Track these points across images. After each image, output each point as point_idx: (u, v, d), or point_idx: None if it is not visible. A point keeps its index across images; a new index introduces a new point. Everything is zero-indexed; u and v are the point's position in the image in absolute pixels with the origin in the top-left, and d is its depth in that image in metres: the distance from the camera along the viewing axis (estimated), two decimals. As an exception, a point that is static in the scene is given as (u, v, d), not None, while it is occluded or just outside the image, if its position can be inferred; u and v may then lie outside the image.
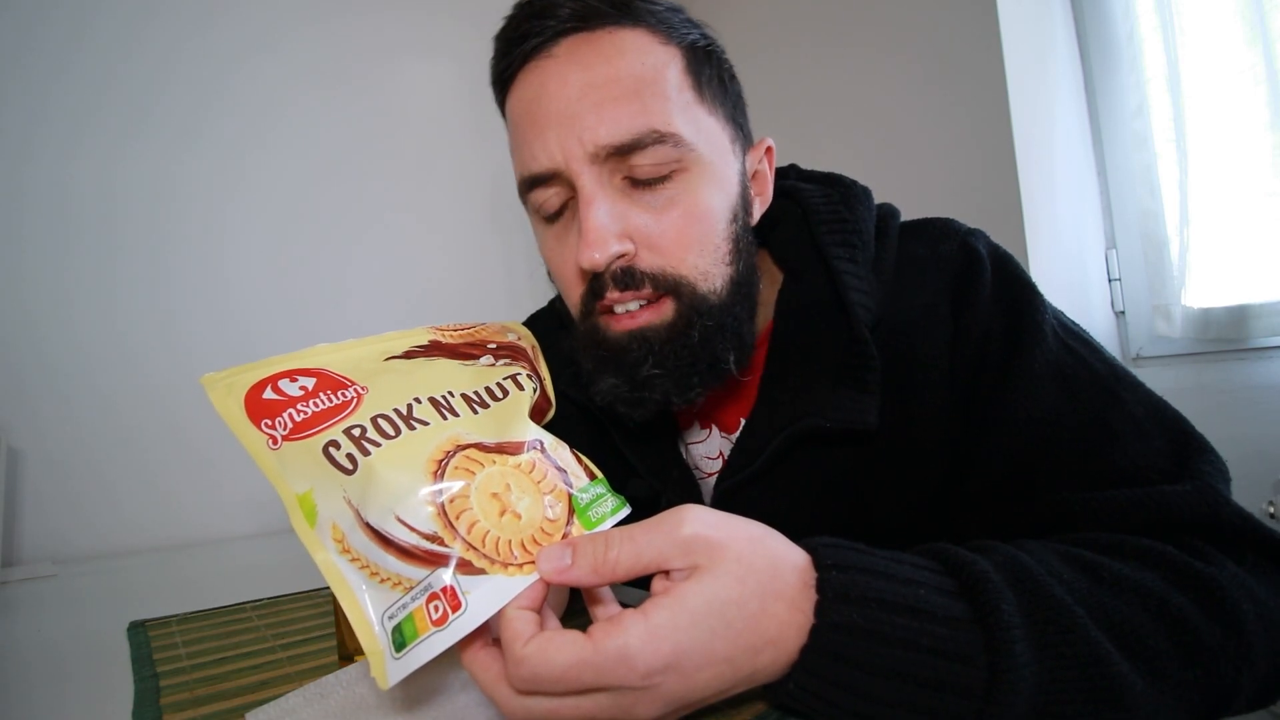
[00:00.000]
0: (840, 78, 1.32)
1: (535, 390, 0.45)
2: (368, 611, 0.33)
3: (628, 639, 0.30)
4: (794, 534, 0.36)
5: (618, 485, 0.40)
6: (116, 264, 1.10)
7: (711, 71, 0.53)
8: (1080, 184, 1.17)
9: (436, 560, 0.32)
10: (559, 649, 0.30)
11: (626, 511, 0.39)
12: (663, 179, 0.49)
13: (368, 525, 0.33)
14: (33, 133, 1.05)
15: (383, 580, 0.33)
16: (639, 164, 0.48)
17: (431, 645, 0.31)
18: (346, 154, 1.33)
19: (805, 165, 0.66)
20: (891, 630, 0.32)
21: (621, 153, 0.48)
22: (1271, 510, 0.89)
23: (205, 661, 0.50)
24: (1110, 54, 1.16)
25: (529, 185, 0.52)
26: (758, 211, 0.56)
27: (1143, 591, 0.37)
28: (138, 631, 0.58)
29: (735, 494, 0.53)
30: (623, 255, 0.48)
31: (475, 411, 0.40)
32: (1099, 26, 1.18)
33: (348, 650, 0.47)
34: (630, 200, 0.49)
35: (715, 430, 0.59)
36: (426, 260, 1.40)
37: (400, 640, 0.31)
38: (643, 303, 0.50)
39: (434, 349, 0.45)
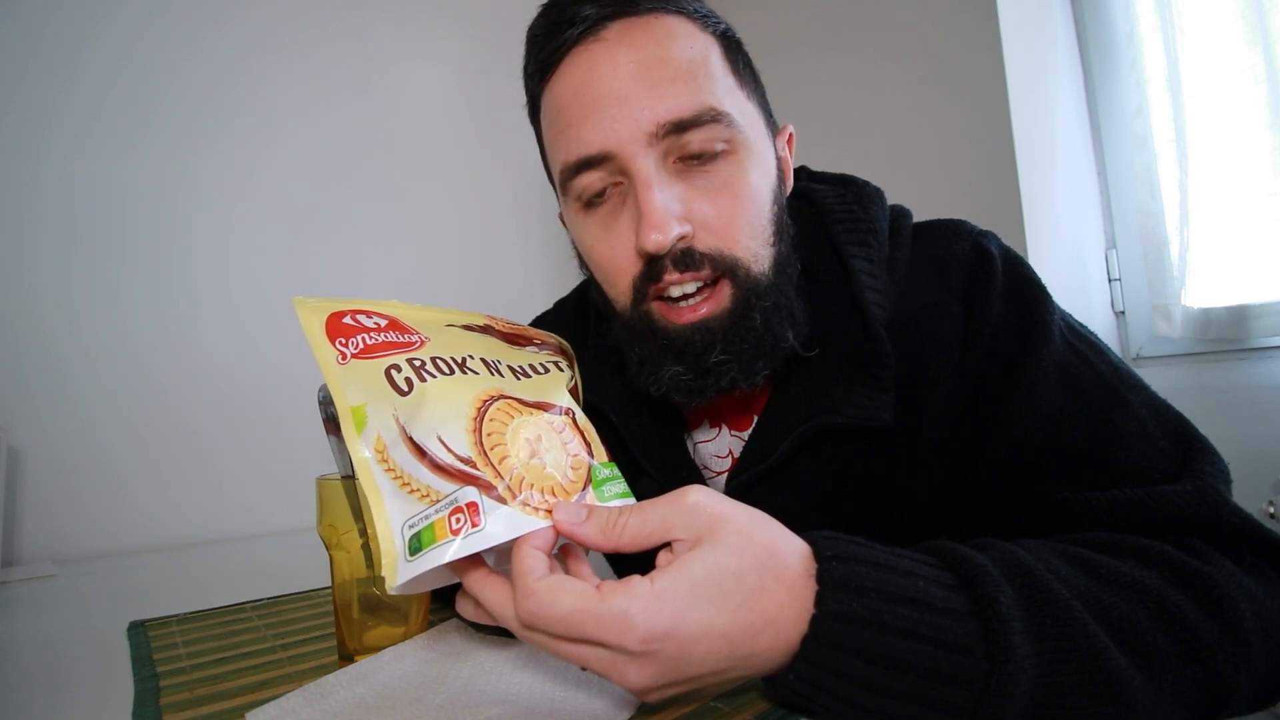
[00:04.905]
0: (840, 79, 1.32)
1: (572, 379, 0.48)
2: (390, 517, 0.35)
3: (631, 602, 0.31)
4: (805, 530, 0.37)
5: (627, 485, 0.41)
6: (120, 265, 1.10)
7: (742, 60, 0.54)
8: (1080, 184, 1.17)
9: (467, 479, 0.35)
10: (568, 592, 0.31)
11: (632, 502, 0.39)
12: (714, 159, 0.49)
13: (410, 439, 0.37)
14: (38, 133, 1.05)
15: (412, 491, 0.36)
16: (693, 141, 0.48)
17: (443, 551, 0.33)
18: (352, 156, 1.32)
19: (807, 166, 0.66)
20: (892, 620, 0.32)
21: (680, 129, 0.47)
22: (1271, 510, 0.89)
23: (205, 661, 0.50)
24: (1110, 54, 1.16)
25: (575, 170, 0.50)
26: (785, 195, 0.56)
27: (1140, 588, 0.37)
28: (138, 631, 0.58)
29: (748, 490, 0.54)
30: (683, 237, 0.48)
31: (518, 379, 0.43)
32: (1099, 26, 1.18)
33: (348, 650, 0.47)
34: (685, 183, 0.49)
35: (725, 429, 0.60)
36: (432, 262, 1.40)
37: (416, 545, 0.34)
38: (700, 284, 0.49)
39: (487, 330, 0.49)
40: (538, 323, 0.76)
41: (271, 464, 1.16)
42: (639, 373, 0.52)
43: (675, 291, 0.49)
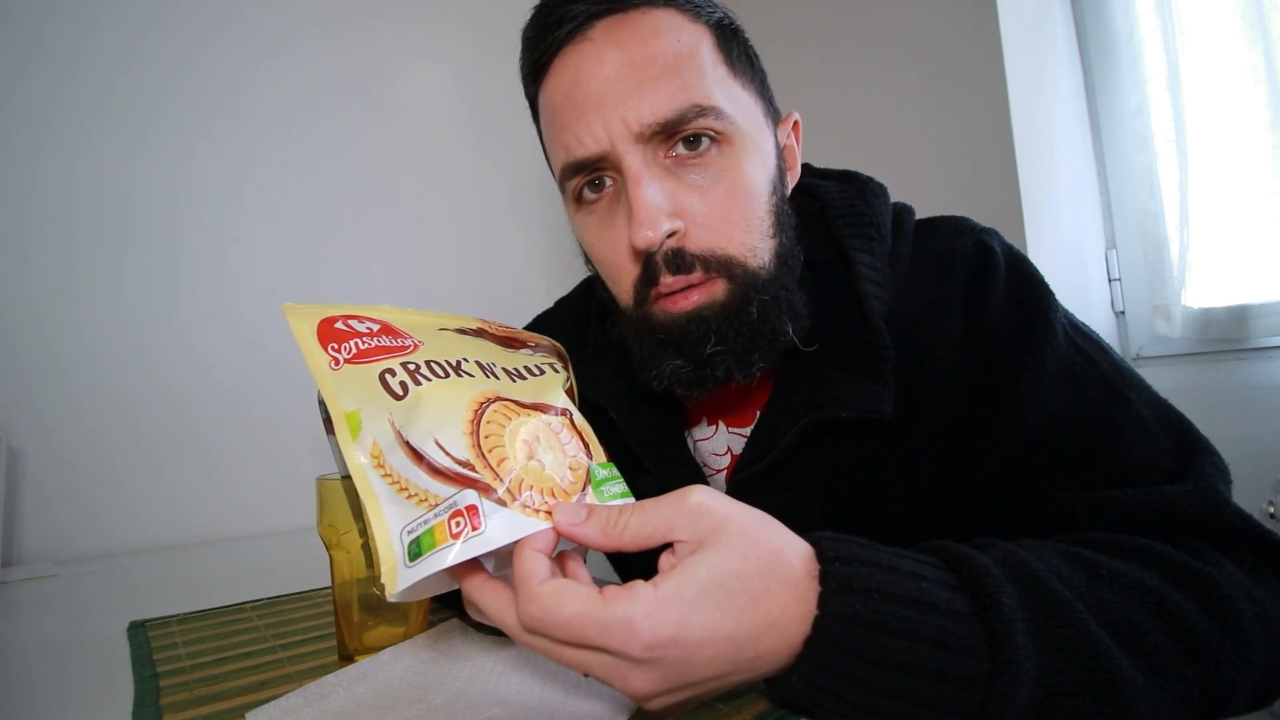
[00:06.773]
0: (840, 79, 1.32)
1: (568, 380, 0.47)
2: (388, 523, 0.35)
3: (635, 608, 0.30)
4: (805, 527, 0.37)
5: (627, 482, 0.41)
6: (122, 264, 1.10)
7: (739, 48, 0.54)
8: (1080, 184, 1.17)
9: (465, 483, 0.35)
10: (571, 597, 0.31)
11: (633, 502, 0.39)
12: (705, 150, 0.49)
13: (407, 444, 0.36)
14: (41, 133, 1.05)
15: (410, 496, 0.35)
16: (681, 135, 0.48)
17: (444, 556, 0.33)
18: (354, 157, 1.32)
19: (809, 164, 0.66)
20: (895, 621, 0.32)
21: (666, 130, 0.48)
22: (1271, 510, 0.89)
23: (205, 661, 0.50)
24: (1110, 54, 1.16)
25: (572, 171, 0.51)
26: (789, 185, 0.56)
27: (1141, 589, 0.37)
28: (138, 631, 0.58)
29: (750, 486, 0.54)
30: (674, 233, 0.48)
31: (514, 381, 0.43)
32: (1099, 26, 1.18)
33: (348, 650, 0.47)
34: (676, 178, 0.49)
35: (722, 426, 0.60)
36: (434, 262, 1.40)
37: (416, 550, 0.33)
38: (693, 285, 0.49)
39: (481, 334, 0.48)
40: (539, 321, 0.76)
41: (272, 464, 1.16)
42: (642, 368, 0.53)
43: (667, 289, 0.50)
